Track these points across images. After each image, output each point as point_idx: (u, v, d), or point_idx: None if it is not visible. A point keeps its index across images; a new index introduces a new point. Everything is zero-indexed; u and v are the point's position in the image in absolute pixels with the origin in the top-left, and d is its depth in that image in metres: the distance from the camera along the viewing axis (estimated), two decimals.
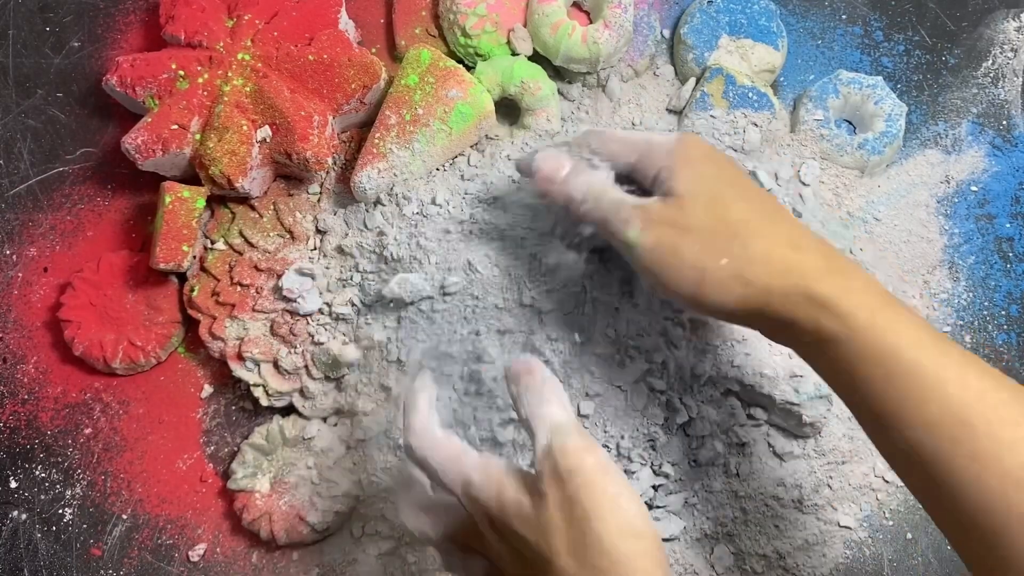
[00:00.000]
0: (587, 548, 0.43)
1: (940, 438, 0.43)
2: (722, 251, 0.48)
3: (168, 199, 0.64)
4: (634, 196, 0.51)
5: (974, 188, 0.72)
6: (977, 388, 0.44)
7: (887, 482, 0.65)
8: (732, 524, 0.62)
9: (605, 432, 0.61)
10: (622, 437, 0.61)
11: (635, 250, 0.50)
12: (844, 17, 0.76)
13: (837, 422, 0.64)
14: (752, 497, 0.62)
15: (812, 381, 0.61)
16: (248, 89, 0.65)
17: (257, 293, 0.65)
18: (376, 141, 0.65)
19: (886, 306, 0.46)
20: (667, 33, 0.74)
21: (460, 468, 0.48)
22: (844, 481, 0.64)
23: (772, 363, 0.60)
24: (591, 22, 0.72)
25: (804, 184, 0.67)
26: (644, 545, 0.43)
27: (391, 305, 0.63)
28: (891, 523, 0.65)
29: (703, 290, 0.48)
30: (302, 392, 0.64)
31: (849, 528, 0.64)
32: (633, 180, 0.53)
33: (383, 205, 0.65)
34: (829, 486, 0.63)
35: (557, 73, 0.71)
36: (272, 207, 0.67)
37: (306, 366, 0.64)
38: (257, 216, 0.67)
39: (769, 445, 0.63)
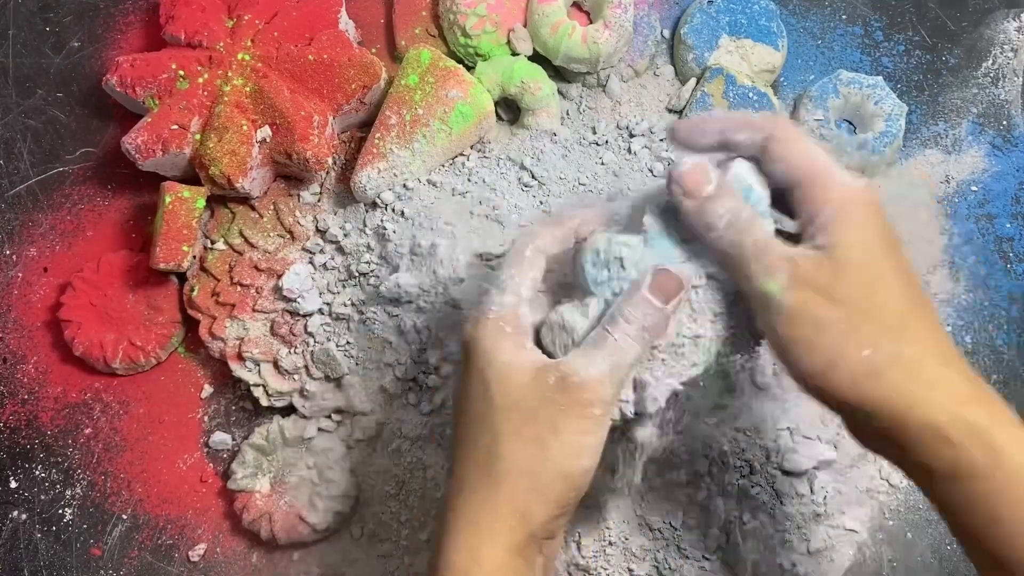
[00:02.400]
0: (526, 448, 0.45)
1: None
2: (868, 342, 0.42)
3: (168, 199, 0.64)
4: (783, 243, 0.44)
5: (974, 188, 0.72)
6: None
7: (892, 486, 0.65)
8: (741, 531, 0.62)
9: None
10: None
11: (774, 304, 0.43)
12: (844, 17, 0.76)
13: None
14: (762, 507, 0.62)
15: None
16: (248, 89, 0.65)
17: (257, 293, 0.65)
18: (376, 141, 0.65)
19: None
20: (667, 33, 0.74)
21: (501, 290, 0.48)
22: (852, 485, 0.64)
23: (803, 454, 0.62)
24: (591, 22, 0.72)
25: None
26: (569, 485, 0.45)
27: (390, 304, 0.63)
28: (891, 523, 0.65)
29: (830, 376, 0.43)
30: (302, 392, 0.64)
31: (855, 532, 0.63)
32: (783, 200, 0.46)
33: (383, 205, 0.65)
34: (839, 491, 0.63)
35: (557, 73, 0.71)
36: (272, 207, 0.67)
37: (306, 366, 0.64)
38: (257, 216, 0.67)
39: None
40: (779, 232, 0.46)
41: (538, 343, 0.48)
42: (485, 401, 0.46)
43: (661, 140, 0.68)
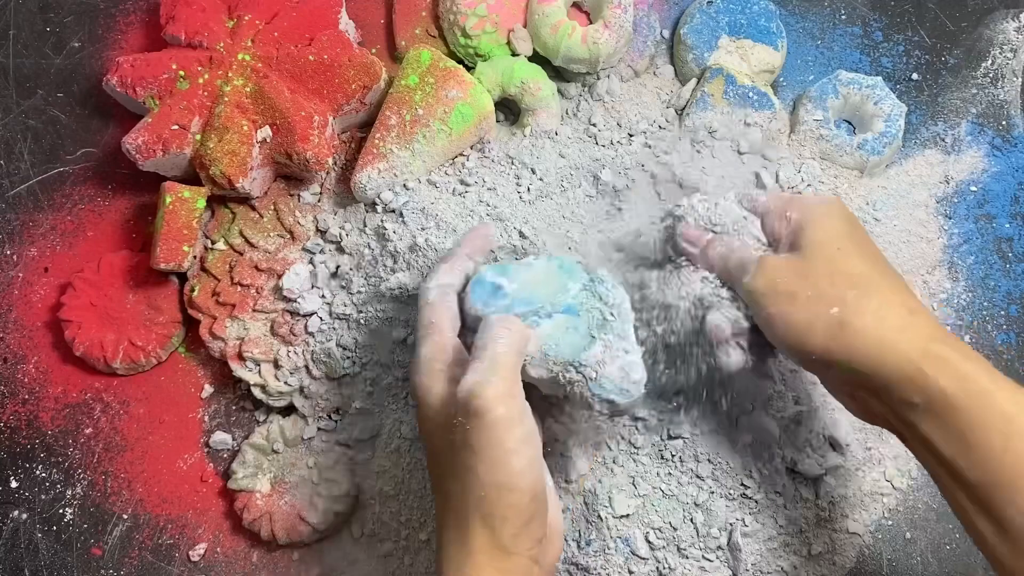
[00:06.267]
0: (466, 484, 0.46)
1: None
2: (836, 300, 0.48)
3: (169, 199, 0.64)
4: (761, 252, 0.53)
5: (974, 188, 0.72)
6: None
7: (895, 488, 0.65)
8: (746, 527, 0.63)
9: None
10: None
11: (750, 294, 0.51)
12: (844, 17, 0.76)
13: (851, 429, 0.64)
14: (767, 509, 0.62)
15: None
16: (248, 89, 0.65)
17: (257, 293, 0.65)
18: (376, 141, 0.65)
19: (996, 372, 0.46)
20: (667, 33, 0.74)
21: (428, 336, 0.51)
22: (856, 488, 0.64)
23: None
24: (591, 22, 0.72)
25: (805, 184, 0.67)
26: (512, 498, 0.45)
27: (390, 304, 0.63)
28: (891, 523, 0.65)
29: (809, 337, 0.48)
30: (302, 392, 0.64)
31: (858, 535, 0.63)
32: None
33: (383, 205, 0.65)
34: (844, 496, 0.63)
35: (557, 73, 0.71)
36: (272, 207, 0.67)
37: (306, 366, 0.64)
38: (257, 216, 0.67)
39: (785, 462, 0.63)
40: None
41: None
42: (429, 447, 0.50)
43: (660, 140, 0.68)
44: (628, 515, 0.61)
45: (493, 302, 0.51)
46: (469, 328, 0.52)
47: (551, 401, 0.57)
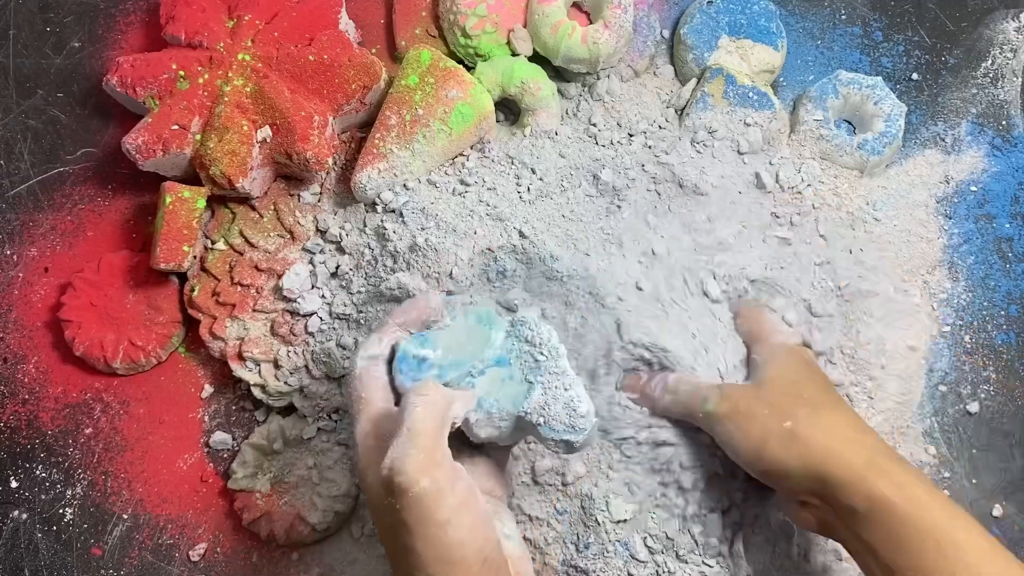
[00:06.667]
0: (411, 564, 0.45)
1: None
2: (789, 416, 0.53)
3: (169, 199, 0.64)
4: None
5: (974, 188, 0.72)
6: (989, 553, 0.49)
7: None
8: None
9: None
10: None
11: (711, 417, 0.56)
12: (844, 17, 0.76)
13: None
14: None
15: None
16: (248, 89, 0.65)
17: (257, 293, 0.65)
18: (376, 141, 0.65)
19: (933, 485, 0.51)
20: (667, 33, 0.74)
21: (360, 411, 0.50)
22: None
23: None
24: (591, 22, 0.72)
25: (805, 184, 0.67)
26: (458, 571, 0.44)
27: (390, 303, 0.63)
28: None
29: (765, 448, 0.53)
30: (302, 392, 0.64)
31: None
32: None
33: (383, 205, 0.65)
34: None
35: (557, 73, 0.71)
36: (272, 207, 0.67)
37: (306, 366, 0.64)
38: (257, 216, 0.67)
39: None
40: None
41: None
42: (379, 528, 0.49)
43: (660, 140, 0.68)
44: (626, 520, 0.61)
45: (421, 375, 0.50)
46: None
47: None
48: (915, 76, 0.74)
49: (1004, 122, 0.73)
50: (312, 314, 0.65)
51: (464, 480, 0.46)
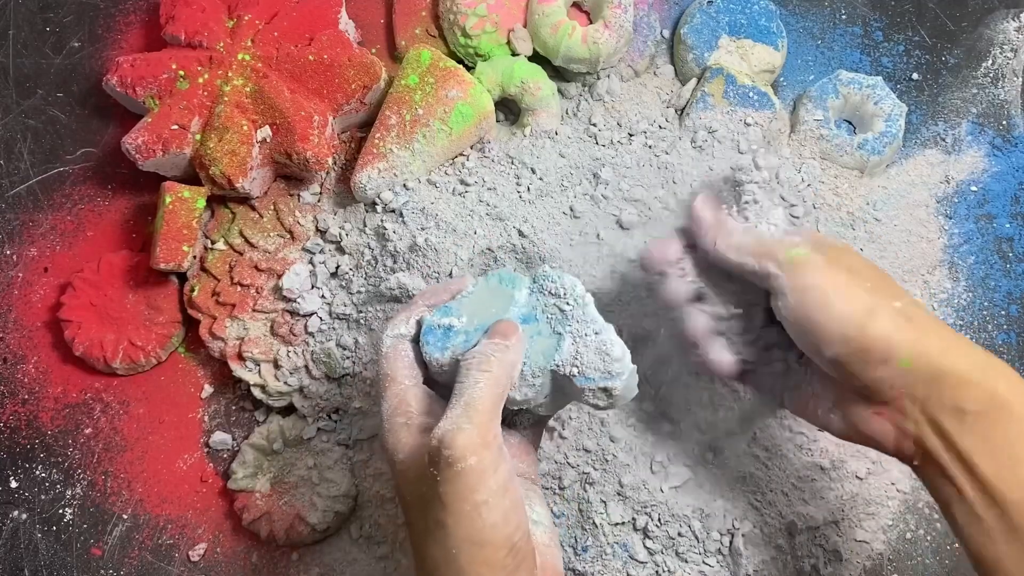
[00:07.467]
0: (439, 541, 0.43)
1: None
2: (895, 295, 0.47)
3: (168, 199, 0.64)
4: None
5: (974, 188, 0.72)
6: None
7: (900, 491, 0.64)
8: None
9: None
10: None
11: (799, 266, 0.47)
12: (844, 17, 0.76)
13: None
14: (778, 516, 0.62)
15: None
16: (248, 89, 0.65)
17: (257, 293, 0.65)
18: (376, 141, 0.65)
19: None
20: (667, 33, 0.74)
21: (387, 387, 0.49)
22: (866, 494, 0.63)
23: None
24: (591, 22, 0.72)
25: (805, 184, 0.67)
26: (485, 554, 0.43)
27: (390, 304, 0.63)
28: (891, 523, 0.65)
29: (874, 321, 0.46)
30: (302, 392, 0.64)
31: (866, 543, 0.63)
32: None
33: (383, 205, 0.65)
34: (852, 505, 0.63)
35: (557, 73, 0.71)
36: (272, 207, 0.67)
37: (306, 366, 0.64)
38: (257, 216, 0.67)
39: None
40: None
41: None
42: (403, 505, 0.48)
43: (660, 140, 0.68)
44: (623, 523, 0.61)
45: (449, 344, 0.49)
46: (434, 376, 0.51)
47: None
48: (915, 76, 0.74)
49: (1004, 122, 0.73)
50: (312, 314, 0.65)
51: (507, 463, 0.44)
